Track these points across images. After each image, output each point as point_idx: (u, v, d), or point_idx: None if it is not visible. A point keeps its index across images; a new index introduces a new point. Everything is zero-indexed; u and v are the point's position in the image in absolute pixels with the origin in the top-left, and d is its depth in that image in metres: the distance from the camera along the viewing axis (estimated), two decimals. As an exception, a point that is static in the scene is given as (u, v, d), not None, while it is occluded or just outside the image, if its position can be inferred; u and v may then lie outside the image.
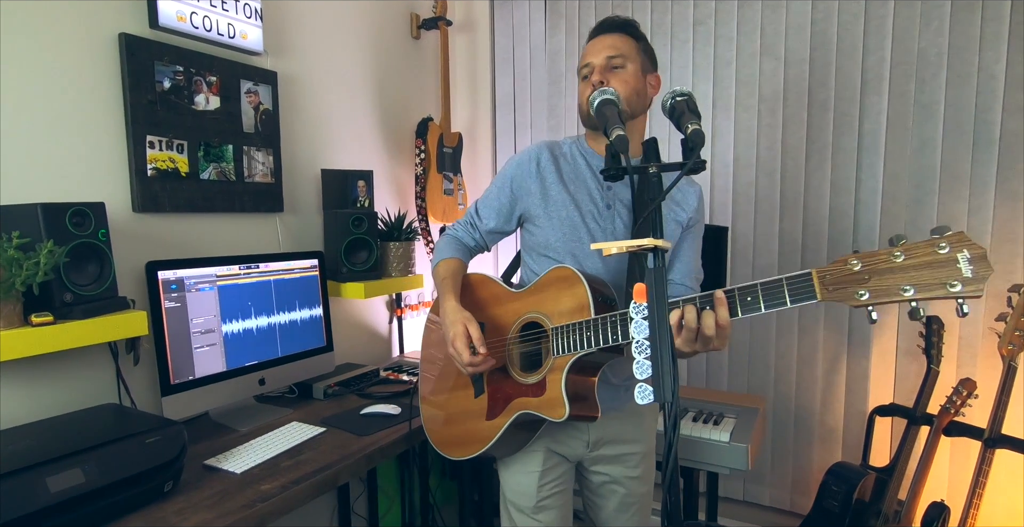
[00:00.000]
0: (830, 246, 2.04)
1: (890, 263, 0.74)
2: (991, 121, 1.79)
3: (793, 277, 0.81)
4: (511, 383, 1.17)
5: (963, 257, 0.70)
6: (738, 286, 0.86)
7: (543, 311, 1.13)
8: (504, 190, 1.28)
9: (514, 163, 1.28)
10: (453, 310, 1.17)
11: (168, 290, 1.38)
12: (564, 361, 1.06)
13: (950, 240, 0.71)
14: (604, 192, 1.22)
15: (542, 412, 1.09)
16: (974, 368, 1.84)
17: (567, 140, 1.30)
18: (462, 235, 1.35)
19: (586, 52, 1.21)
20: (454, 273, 1.27)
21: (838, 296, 0.78)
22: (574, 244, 1.20)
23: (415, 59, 2.42)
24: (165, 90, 1.50)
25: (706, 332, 0.88)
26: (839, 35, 1.96)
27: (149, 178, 1.48)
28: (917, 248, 0.73)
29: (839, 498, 1.68)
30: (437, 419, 1.33)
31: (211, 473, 1.24)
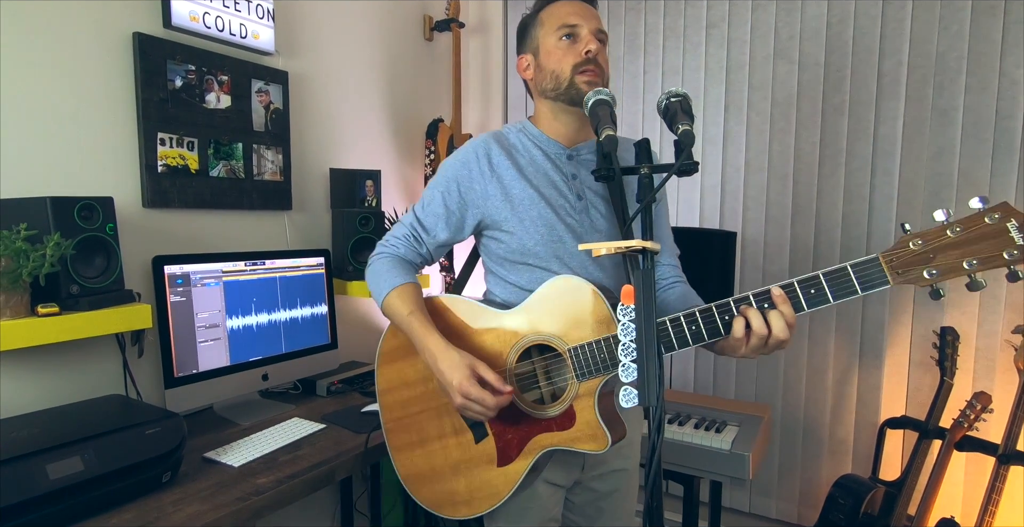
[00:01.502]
0: (843, 253, 2.00)
1: (948, 239, 0.75)
2: (1011, 128, 1.75)
3: (859, 263, 0.79)
4: (525, 419, 1.02)
5: (1012, 226, 0.72)
6: (797, 279, 0.82)
7: (549, 331, 1.00)
8: (451, 195, 1.10)
9: (457, 163, 1.10)
10: (444, 352, 0.99)
11: (174, 284, 1.41)
12: (592, 385, 0.96)
13: (997, 211, 0.73)
14: (570, 182, 1.09)
15: (576, 446, 0.98)
16: (990, 382, 1.78)
17: (510, 129, 1.15)
18: (405, 252, 1.14)
19: (564, 10, 1.06)
20: (417, 303, 1.06)
21: (908, 278, 0.77)
22: (556, 246, 1.06)
23: (427, 60, 2.44)
24: (177, 88, 1.53)
25: (780, 336, 0.82)
26: (855, 38, 1.93)
27: (159, 174, 1.50)
28: (970, 221, 0.74)
29: (845, 511, 1.64)
30: (424, 477, 1.11)
31: (210, 466, 1.25)
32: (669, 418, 1.63)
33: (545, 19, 1.08)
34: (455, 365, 0.97)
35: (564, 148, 1.12)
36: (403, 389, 1.13)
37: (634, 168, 0.83)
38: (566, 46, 1.04)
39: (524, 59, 1.13)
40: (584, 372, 0.97)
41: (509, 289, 1.13)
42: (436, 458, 1.10)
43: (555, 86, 1.06)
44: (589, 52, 1.03)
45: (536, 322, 1.01)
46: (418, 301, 1.07)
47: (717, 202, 2.19)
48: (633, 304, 0.78)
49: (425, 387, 1.11)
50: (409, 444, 1.13)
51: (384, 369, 1.16)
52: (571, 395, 0.98)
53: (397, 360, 1.14)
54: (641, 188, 0.83)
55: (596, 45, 1.04)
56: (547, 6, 1.09)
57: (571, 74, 1.04)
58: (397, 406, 1.15)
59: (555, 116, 1.11)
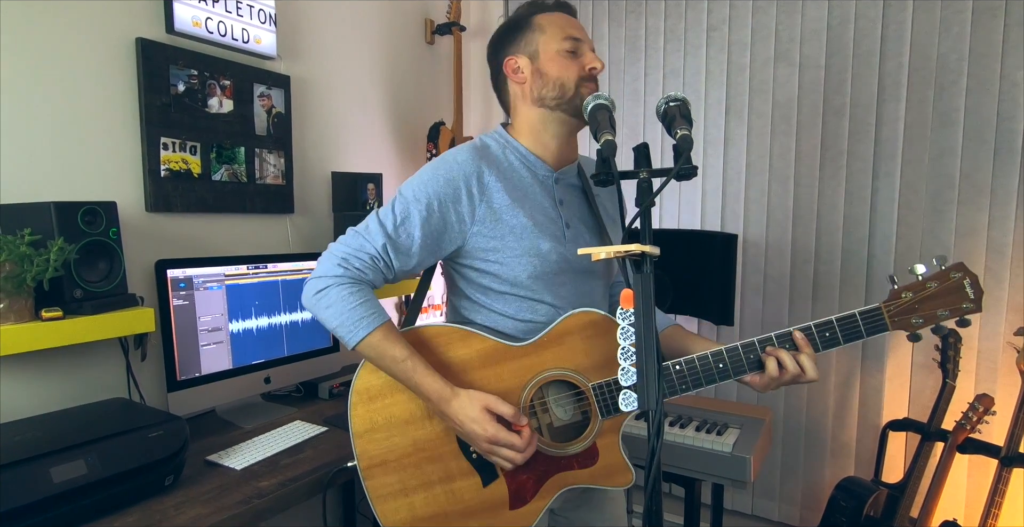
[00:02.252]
0: (844, 256, 1.99)
1: (929, 291, 0.92)
2: (1013, 130, 1.74)
3: (866, 312, 0.93)
4: (540, 458, 0.98)
5: (967, 283, 0.90)
6: (814, 323, 0.94)
7: (569, 367, 0.97)
8: (432, 216, 0.96)
9: (441, 179, 0.97)
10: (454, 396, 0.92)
11: (176, 288, 1.41)
12: (618, 422, 0.97)
13: (958, 270, 0.91)
14: (558, 208, 1.05)
15: (599, 483, 0.98)
16: (993, 384, 1.78)
17: (493, 142, 1.06)
18: (373, 278, 0.97)
19: (565, 21, 1.05)
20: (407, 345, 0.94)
21: (900, 324, 0.93)
22: (549, 277, 1.01)
23: (428, 64, 2.45)
24: (180, 93, 1.54)
25: (811, 376, 0.91)
26: (856, 40, 1.93)
27: (162, 178, 1.51)
28: (942, 277, 0.91)
29: (847, 514, 1.64)
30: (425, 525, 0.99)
31: (212, 469, 1.26)
32: (670, 420, 1.63)
33: (546, 25, 1.04)
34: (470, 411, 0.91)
35: (551, 171, 1.07)
36: (388, 429, 1.00)
37: (633, 172, 0.83)
38: (570, 58, 1.03)
39: (514, 60, 1.05)
40: (609, 409, 0.97)
41: (499, 319, 1.04)
42: (435, 505, 0.99)
43: (559, 95, 1.02)
44: (594, 69, 1.03)
45: (555, 357, 0.98)
46: (406, 343, 0.95)
47: (718, 204, 2.19)
48: (632, 308, 0.78)
49: (419, 427, 1.01)
50: (402, 490, 1.00)
51: (360, 409, 1.01)
52: (594, 432, 0.97)
53: (379, 397, 1.01)
54: (640, 193, 0.83)
55: (599, 63, 1.03)
56: (542, 13, 1.07)
57: (576, 86, 1.02)
58: (380, 449, 1.00)
59: (545, 127, 1.05)
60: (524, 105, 1.07)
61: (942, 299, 0.91)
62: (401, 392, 1.00)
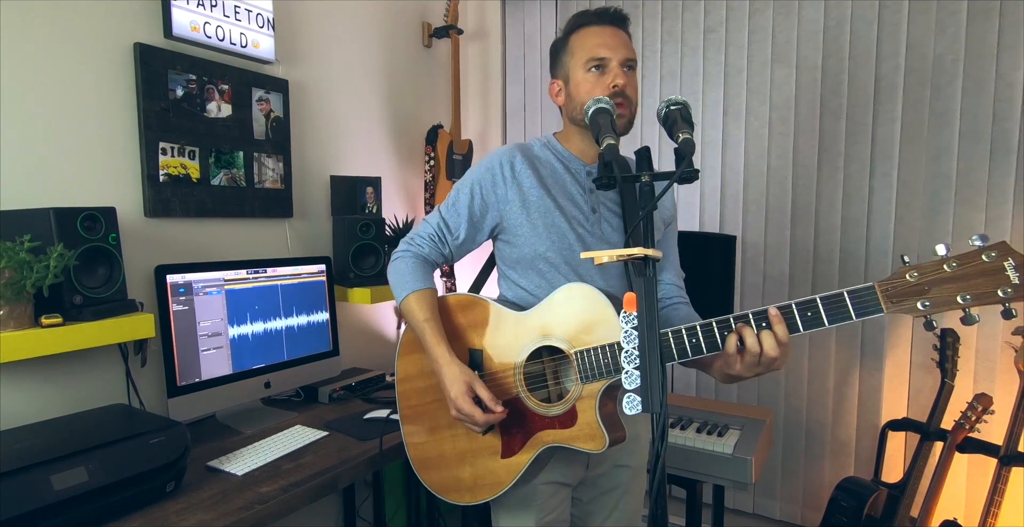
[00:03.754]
0: (842, 256, 2.00)
1: (945, 273, 0.78)
2: (1009, 130, 1.75)
3: (855, 291, 0.82)
4: (530, 415, 1.07)
5: (1009, 265, 0.75)
6: (795, 301, 0.85)
7: (559, 334, 1.04)
8: (475, 198, 1.15)
9: (483, 168, 1.15)
10: (448, 365, 1.06)
11: (176, 293, 1.41)
12: (595, 387, 1.00)
13: (995, 249, 0.76)
14: (587, 195, 1.14)
15: (575, 444, 1.02)
16: (991, 383, 1.79)
17: (536, 142, 1.20)
18: (429, 252, 1.19)
19: (594, 41, 1.08)
20: (432, 309, 1.12)
21: (902, 308, 0.81)
22: (566, 253, 1.12)
23: (426, 67, 2.45)
24: (178, 98, 1.54)
25: (770, 353, 0.85)
26: (852, 42, 1.94)
27: (161, 183, 1.51)
28: (967, 257, 0.77)
29: (848, 514, 1.64)
30: (433, 462, 1.18)
31: (213, 474, 1.26)
32: (671, 422, 1.63)
33: (575, 48, 1.10)
34: (454, 379, 1.04)
35: (585, 165, 1.17)
36: (419, 379, 1.19)
37: (635, 176, 0.83)
38: (594, 78, 1.07)
39: (555, 84, 1.17)
40: (588, 375, 1.00)
41: (519, 292, 1.18)
42: (445, 446, 1.16)
43: (584, 116, 1.06)
44: (616, 86, 1.05)
45: (547, 325, 1.06)
46: (433, 307, 1.13)
47: (717, 206, 2.20)
48: (636, 311, 0.78)
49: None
50: (421, 431, 1.20)
51: (403, 359, 1.22)
52: (575, 396, 1.02)
53: (415, 351, 1.19)
54: (642, 196, 0.83)
55: (623, 79, 1.06)
56: (578, 30, 1.11)
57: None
58: (413, 394, 1.21)
59: (582, 138, 1.16)
60: (565, 121, 1.19)
61: (964, 282, 0.77)
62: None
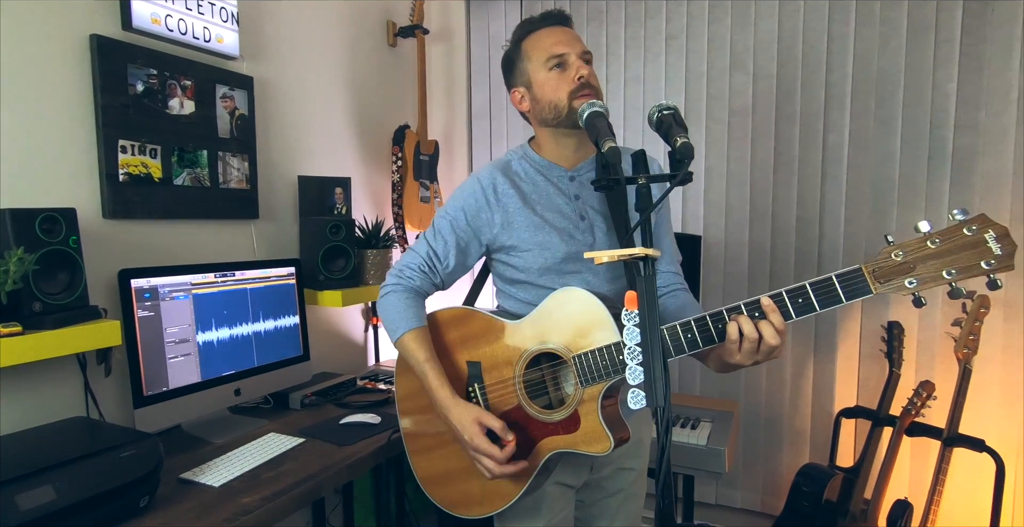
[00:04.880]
0: (797, 255, 2.11)
1: (928, 250, 0.79)
2: (944, 137, 1.90)
3: (843, 273, 0.83)
4: (532, 424, 1.07)
5: (990, 237, 0.76)
6: (785, 289, 0.86)
7: (554, 340, 1.04)
8: (459, 224, 1.15)
9: (467, 193, 1.15)
10: (455, 407, 1.05)
11: (141, 299, 1.34)
12: (595, 390, 1.00)
13: (975, 222, 0.77)
14: (573, 203, 1.15)
15: (580, 449, 1.02)
16: (931, 371, 1.93)
17: (513, 156, 1.20)
18: (420, 284, 1.18)
19: (548, 40, 1.09)
20: (431, 350, 1.11)
21: (890, 287, 0.81)
22: (560, 266, 1.12)
23: (392, 66, 2.42)
24: (138, 93, 1.46)
25: (771, 342, 0.86)
26: (804, 52, 2.05)
27: (121, 183, 1.43)
28: (949, 233, 0.79)
29: (810, 498, 1.74)
30: (440, 478, 1.18)
31: (188, 487, 1.20)
32: (646, 417, 1.67)
33: (531, 52, 1.10)
34: (464, 421, 1.04)
35: (565, 170, 1.17)
36: (421, 396, 1.16)
37: (632, 178, 0.86)
38: (557, 76, 1.08)
39: (517, 92, 1.16)
40: (588, 378, 1.00)
41: (519, 305, 1.19)
42: (452, 461, 1.15)
43: (555, 115, 1.10)
44: (582, 78, 1.06)
45: (543, 332, 1.05)
46: (431, 346, 1.13)
47: (679, 207, 2.27)
48: (637, 310, 0.81)
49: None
50: (427, 447, 1.19)
51: (404, 376, 1.21)
52: (576, 400, 1.02)
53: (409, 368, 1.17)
54: (640, 198, 0.86)
55: (587, 69, 1.07)
56: (527, 37, 1.12)
57: (568, 101, 1.07)
58: (416, 411, 1.21)
59: (556, 141, 1.15)
60: (535, 126, 1.18)
61: (949, 257, 0.78)
62: None
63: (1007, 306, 1.84)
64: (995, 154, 1.84)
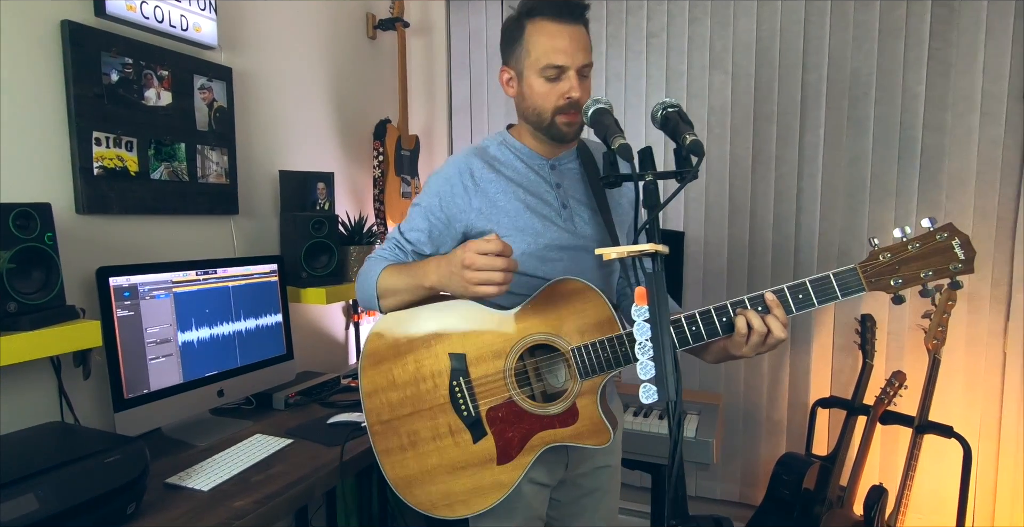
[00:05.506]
0: (774, 250, 2.17)
1: (910, 253, 0.89)
2: (913, 137, 1.98)
3: (840, 272, 0.91)
4: (525, 417, 1.04)
5: (956, 243, 0.87)
6: (787, 285, 0.92)
7: (550, 331, 1.02)
8: (433, 210, 1.12)
9: (440, 179, 1.12)
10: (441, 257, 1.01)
11: (120, 298, 1.29)
12: (595, 383, 1.00)
13: (945, 230, 0.88)
14: (555, 190, 1.13)
15: (580, 442, 1.02)
16: (900, 361, 2.01)
17: (491, 141, 1.16)
18: (391, 258, 1.17)
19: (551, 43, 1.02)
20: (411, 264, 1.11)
21: (879, 286, 0.90)
22: (542, 253, 1.10)
23: (371, 60, 2.38)
24: (113, 83, 1.40)
25: (779, 335, 0.90)
26: (781, 52, 2.10)
27: (95, 177, 1.37)
28: (925, 238, 0.89)
29: (790, 487, 1.79)
30: (417, 479, 1.09)
31: (175, 492, 1.16)
32: (633, 410, 1.70)
33: (531, 45, 1.04)
34: (452, 254, 0.97)
35: (546, 159, 1.15)
36: (391, 391, 1.10)
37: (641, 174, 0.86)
38: (548, 87, 1.04)
39: (506, 73, 1.11)
40: (587, 371, 1.00)
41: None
42: (430, 459, 1.08)
43: (536, 121, 1.08)
44: (570, 98, 1.03)
45: (538, 323, 1.03)
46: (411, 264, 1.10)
47: (660, 203, 2.30)
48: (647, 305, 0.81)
49: (417, 388, 1.09)
50: (400, 446, 1.10)
51: (369, 371, 1.12)
52: (574, 393, 1.02)
53: (383, 361, 1.11)
54: (647, 194, 0.86)
55: (578, 91, 1.03)
56: (535, 20, 1.04)
57: (551, 115, 1.05)
58: (384, 408, 1.11)
59: (534, 135, 1.13)
60: (518, 113, 1.14)
61: (925, 260, 0.87)
62: (403, 355, 1.09)
63: (971, 299, 1.93)
64: (960, 154, 1.93)
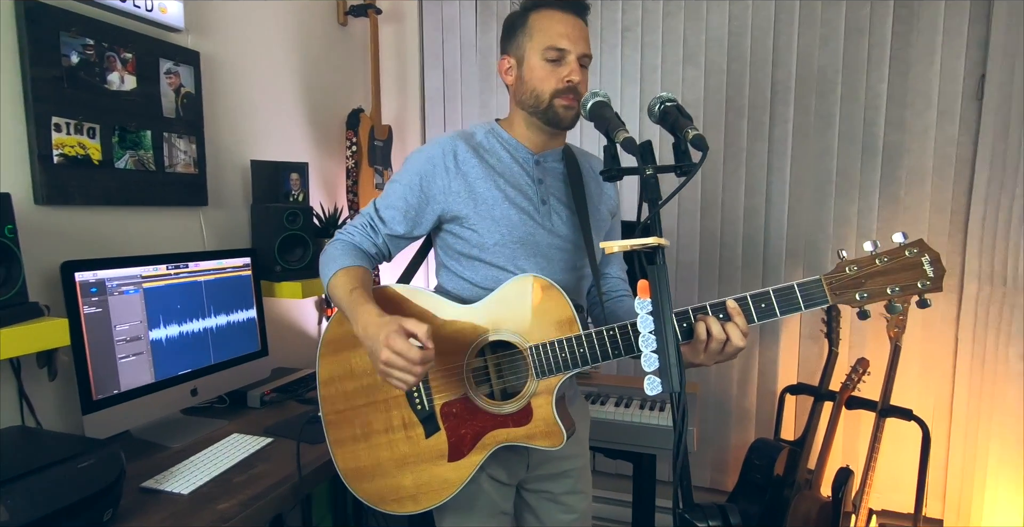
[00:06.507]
0: (744, 242, 2.23)
1: (877, 267, 0.86)
2: (876, 134, 2.06)
3: (804, 284, 0.89)
4: (480, 414, 1.03)
5: (926, 260, 0.85)
6: (750, 293, 0.90)
7: (510, 329, 1.01)
8: (412, 189, 1.09)
9: (423, 158, 1.09)
10: (377, 318, 0.93)
11: (87, 294, 1.22)
12: (552, 383, 0.99)
13: (915, 246, 0.86)
14: (536, 186, 1.11)
15: (532, 442, 1.00)
16: (862, 348, 2.10)
17: (479, 128, 1.14)
18: (360, 241, 1.12)
19: (556, 28, 1.03)
20: (363, 282, 1.04)
21: (843, 299, 0.87)
22: (515, 246, 1.07)
23: (342, 46, 2.31)
24: (73, 65, 1.31)
25: (738, 343, 0.88)
26: (752, 49, 2.14)
27: (56, 166, 1.29)
28: (894, 253, 0.86)
29: (762, 472, 1.85)
30: (367, 472, 1.08)
31: (153, 497, 1.12)
32: (614, 401, 1.72)
33: (535, 30, 1.05)
34: (383, 323, 0.91)
35: (532, 153, 1.13)
36: (347, 380, 1.08)
37: (640, 168, 0.87)
38: (549, 68, 1.04)
39: (507, 61, 1.11)
40: (544, 370, 0.99)
41: (463, 285, 1.12)
42: (381, 452, 1.07)
43: (534, 104, 1.07)
44: (571, 81, 1.03)
45: (498, 319, 1.02)
46: (364, 281, 1.04)
47: (634, 196, 2.33)
48: (650, 298, 0.82)
49: (372, 378, 1.07)
50: (352, 437, 1.09)
51: (326, 359, 1.10)
52: (529, 392, 1.00)
53: (342, 350, 1.09)
54: (648, 188, 0.87)
55: (579, 76, 1.04)
56: (539, 10, 1.06)
57: (550, 98, 1.04)
58: (340, 398, 1.09)
59: (527, 126, 1.12)
60: (513, 103, 1.14)
61: (892, 275, 0.85)
62: (361, 346, 0.99)
63: (927, 288, 2.03)
64: (918, 150, 2.02)
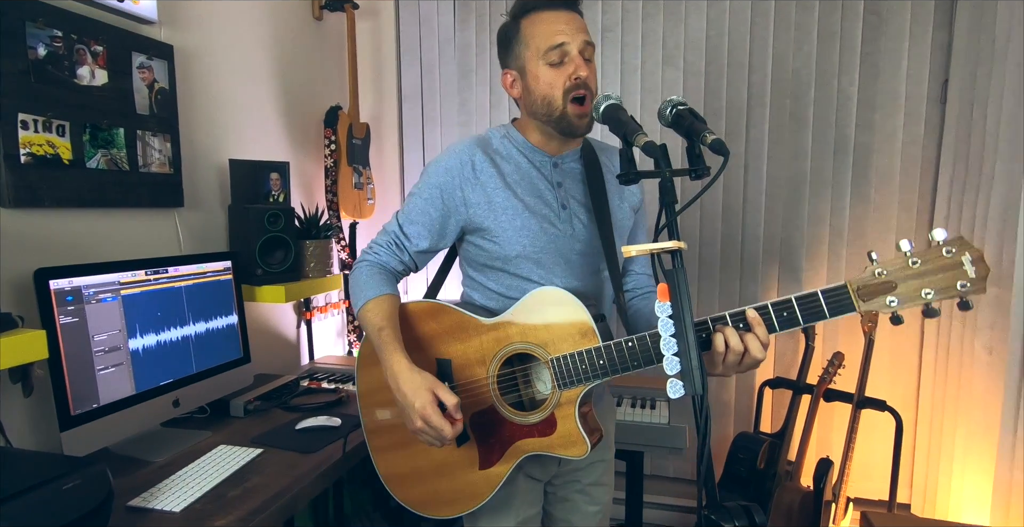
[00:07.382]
0: (723, 240, 2.27)
1: (910, 270, 0.80)
2: (847, 136, 2.13)
3: (829, 290, 0.83)
4: (506, 425, 1.04)
5: (966, 259, 0.78)
6: (771, 302, 0.86)
7: (532, 341, 1.01)
8: (433, 202, 1.09)
9: (441, 169, 1.09)
10: (408, 373, 0.97)
11: (63, 302, 1.14)
12: (574, 394, 0.99)
13: (953, 244, 0.79)
14: (555, 190, 1.10)
15: (556, 451, 1.01)
16: (836, 342, 2.18)
17: (494, 134, 1.13)
18: (387, 260, 1.13)
19: (549, 27, 1.01)
20: (391, 318, 1.05)
21: (872, 305, 0.82)
22: (537, 255, 1.07)
23: (317, 42, 2.24)
24: (40, 58, 1.23)
25: (756, 355, 0.85)
26: (729, 52, 2.18)
27: (23, 166, 1.20)
28: (929, 253, 0.80)
29: (745, 464, 1.90)
30: (407, 478, 1.13)
31: (142, 516, 1.06)
32: (605, 400, 1.73)
33: (528, 36, 1.03)
34: (417, 388, 0.96)
35: (549, 156, 1.12)
36: (385, 391, 1.06)
37: (658, 172, 0.87)
38: (553, 72, 1.02)
39: (509, 75, 1.10)
40: (566, 381, 0.98)
41: (488, 294, 1.13)
42: (419, 460, 1.11)
43: (547, 113, 1.05)
44: (578, 78, 1.01)
45: (520, 331, 1.02)
46: (390, 315, 1.06)
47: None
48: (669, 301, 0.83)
49: None
50: (391, 445, 1.14)
51: (365, 371, 1.16)
52: (553, 403, 1.00)
53: (376, 364, 1.08)
54: (664, 191, 0.87)
55: (585, 70, 1.02)
56: (527, 15, 1.04)
57: (563, 103, 1.02)
58: (380, 407, 1.15)
59: (542, 133, 1.11)
60: (524, 114, 1.13)
61: (928, 278, 0.79)
62: None
63: (895, 284, 2.12)
64: (887, 151, 2.10)
